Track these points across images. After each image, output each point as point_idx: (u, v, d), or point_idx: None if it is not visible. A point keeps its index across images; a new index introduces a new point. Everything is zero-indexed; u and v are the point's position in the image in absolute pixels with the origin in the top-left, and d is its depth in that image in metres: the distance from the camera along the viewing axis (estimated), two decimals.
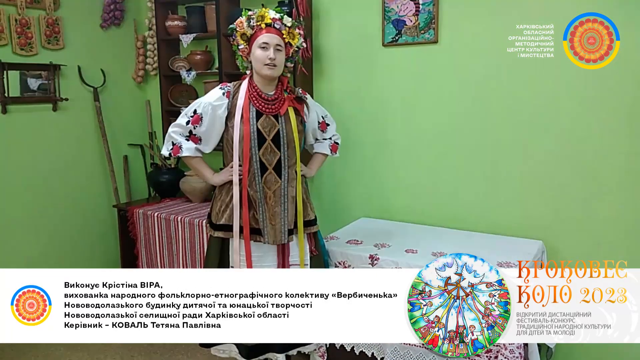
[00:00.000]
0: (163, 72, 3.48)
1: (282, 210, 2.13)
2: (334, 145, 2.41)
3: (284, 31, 2.09)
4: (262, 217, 2.12)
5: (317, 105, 2.38)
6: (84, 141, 3.52)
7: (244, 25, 2.09)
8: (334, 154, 2.41)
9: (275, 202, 2.12)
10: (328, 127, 2.37)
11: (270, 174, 2.11)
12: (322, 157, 2.40)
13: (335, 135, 2.42)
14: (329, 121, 2.37)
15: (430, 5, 2.62)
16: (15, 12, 3.07)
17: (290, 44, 2.12)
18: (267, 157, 2.11)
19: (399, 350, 2.20)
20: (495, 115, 2.56)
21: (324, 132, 2.36)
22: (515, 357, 1.93)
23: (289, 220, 2.14)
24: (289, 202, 2.14)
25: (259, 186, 2.11)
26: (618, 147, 2.31)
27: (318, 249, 2.30)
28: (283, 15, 2.11)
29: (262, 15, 2.07)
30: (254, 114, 2.10)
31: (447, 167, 2.73)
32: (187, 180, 3.30)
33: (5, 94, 3.03)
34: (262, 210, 2.11)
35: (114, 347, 2.96)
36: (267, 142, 2.10)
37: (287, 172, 2.13)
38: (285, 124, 2.13)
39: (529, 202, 2.53)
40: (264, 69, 2.07)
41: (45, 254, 3.33)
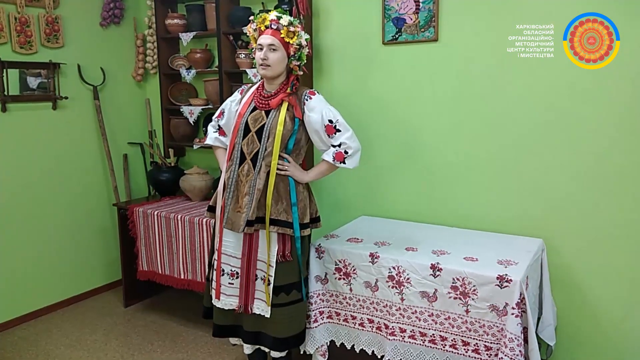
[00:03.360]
0: (163, 71, 3.47)
1: (249, 201, 2.17)
2: (338, 154, 2.17)
3: (282, 31, 2.11)
4: (228, 202, 2.21)
5: (328, 107, 2.19)
6: (84, 140, 3.51)
7: (251, 29, 2.22)
8: (337, 162, 2.17)
9: (245, 192, 2.18)
10: (337, 133, 2.16)
11: (247, 163, 2.19)
12: (326, 165, 2.23)
13: (345, 143, 2.17)
14: (340, 127, 2.17)
15: (430, 3, 2.62)
16: (14, 10, 3.06)
17: (289, 43, 2.14)
18: (247, 147, 2.19)
19: (399, 348, 2.21)
20: (495, 114, 2.56)
21: (331, 137, 2.18)
22: (515, 354, 1.93)
23: (251, 211, 2.16)
24: (255, 193, 2.16)
25: (234, 174, 2.21)
26: (618, 146, 2.31)
27: (294, 256, 2.21)
28: (281, 15, 2.13)
29: (263, 18, 2.14)
30: (250, 108, 2.23)
31: (447, 165, 2.73)
32: (187, 178, 3.30)
33: (5, 93, 3.03)
34: (230, 196, 2.20)
35: (114, 347, 2.96)
36: (251, 133, 2.18)
37: (260, 164, 2.16)
38: (274, 118, 2.16)
39: (529, 200, 2.53)
40: (259, 69, 2.17)
41: (45, 253, 3.33)
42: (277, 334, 2.24)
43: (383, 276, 2.24)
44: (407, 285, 2.18)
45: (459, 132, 2.67)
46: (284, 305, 2.22)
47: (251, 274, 2.23)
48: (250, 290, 2.24)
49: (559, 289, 2.49)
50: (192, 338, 3.04)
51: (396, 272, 2.20)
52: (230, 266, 2.25)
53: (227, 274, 2.25)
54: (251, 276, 2.23)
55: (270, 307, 2.20)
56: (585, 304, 2.46)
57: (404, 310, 2.19)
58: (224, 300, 2.26)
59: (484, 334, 2.04)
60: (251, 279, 2.23)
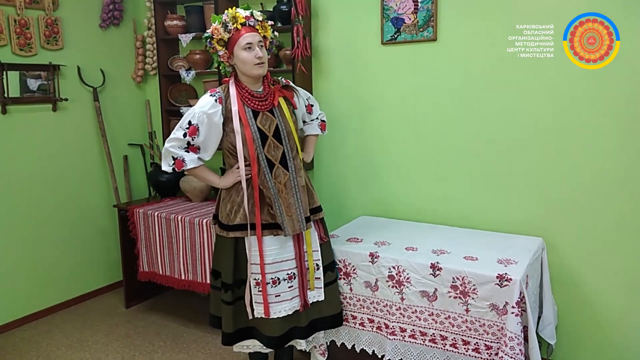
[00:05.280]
0: (162, 72, 3.48)
1: (295, 200, 2.15)
2: (322, 124, 2.46)
3: (257, 26, 2.11)
4: (279, 211, 2.12)
5: (301, 90, 2.37)
6: (84, 141, 3.52)
7: (221, 31, 2.07)
8: (323, 132, 2.47)
9: (287, 194, 2.14)
10: (313, 107, 2.41)
11: (278, 168, 2.13)
12: (314, 138, 2.47)
13: (320, 113, 2.47)
14: (312, 102, 2.41)
15: (429, 3, 2.62)
16: (14, 12, 3.07)
17: (265, 36, 2.14)
18: (272, 153, 2.12)
19: (400, 348, 2.21)
20: (495, 113, 2.56)
21: (311, 113, 2.40)
22: (515, 353, 1.93)
23: (304, 209, 2.17)
24: (300, 191, 2.17)
25: (271, 183, 2.10)
26: (618, 145, 2.30)
27: (327, 235, 2.34)
28: (252, 10, 2.12)
29: (234, 16, 2.06)
30: (250, 114, 2.10)
31: (447, 165, 2.73)
32: (187, 179, 3.31)
33: (5, 95, 3.04)
34: (278, 204, 2.12)
35: (115, 347, 2.96)
36: (269, 138, 2.11)
37: (292, 164, 2.16)
38: (282, 117, 2.15)
39: (529, 200, 2.53)
40: (254, 69, 2.07)
41: (45, 254, 3.34)
42: (333, 310, 2.31)
43: (383, 276, 2.24)
44: (407, 285, 2.18)
45: (459, 132, 2.67)
46: (332, 282, 2.32)
47: (303, 268, 2.22)
48: (305, 285, 2.23)
49: (559, 287, 2.49)
50: (193, 339, 3.04)
51: (396, 272, 2.20)
52: (285, 271, 2.17)
53: (284, 280, 2.16)
54: (304, 271, 2.22)
55: (322, 289, 2.26)
56: (586, 303, 2.46)
57: (404, 309, 2.20)
58: (287, 305, 2.17)
59: (484, 333, 2.05)
60: (304, 273, 2.22)
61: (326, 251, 2.31)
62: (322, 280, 2.25)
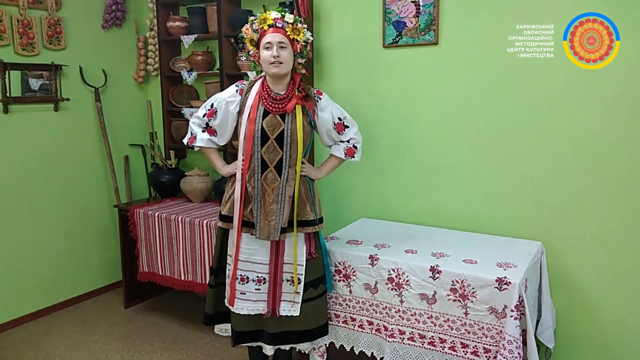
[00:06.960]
0: (164, 73, 3.49)
1: (278, 208, 2.15)
2: (349, 149, 2.29)
3: (288, 28, 2.11)
4: (257, 212, 2.16)
5: (335, 105, 2.28)
6: (85, 141, 3.53)
7: (250, 31, 2.15)
8: (349, 158, 2.30)
9: (272, 200, 2.15)
10: (346, 129, 2.28)
11: (271, 172, 2.14)
12: (336, 161, 2.34)
13: (354, 138, 2.30)
14: (348, 123, 2.28)
15: (430, 6, 2.63)
16: (17, 12, 3.08)
17: (296, 40, 2.14)
18: (269, 156, 2.14)
19: (399, 350, 2.21)
20: (495, 116, 2.56)
21: (341, 134, 2.28)
22: (514, 357, 1.93)
23: (283, 219, 2.16)
24: (286, 201, 2.15)
25: (257, 183, 2.14)
26: (618, 147, 2.31)
27: (318, 252, 2.28)
28: (284, 13, 2.12)
29: (264, 18, 2.11)
30: (261, 112, 2.13)
31: (447, 168, 2.73)
32: (188, 180, 3.31)
33: (7, 94, 3.04)
34: (258, 206, 2.16)
35: (114, 347, 2.96)
36: (270, 140, 2.13)
37: (287, 171, 2.15)
38: (291, 124, 2.14)
39: (528, 203, 2.54)
40: (270, 68, 2.10)
41: (45, 253, 3.34)
42: (305, 327, 2.28)
43: (382, 278, 2.25)
44: (406, 288, 2.18)
45: (459, 134, 2.67)
46: (312, 299, 2.27)
47: (279, 278, 2.23)
48: (278, 294, 2.23)
49: (558, 291, 2.49)
50: (193, 339, 3.04)
51: (396, 274, 2.21)
52: (256, 272, 2.22)
53: (253, 281, 2.21)
54: (278, 280, 2.23)
55: (299, 305, 2.22)
56: (585, 307, 2.46)
57: (403, 312, 2.20)
58: (250, 306, 2.22)
59: (483, 336, 2.05)
60: (278, 282, 2.23)
61: (313, 267, 2.26)
62: (301, 295, 2.23)
